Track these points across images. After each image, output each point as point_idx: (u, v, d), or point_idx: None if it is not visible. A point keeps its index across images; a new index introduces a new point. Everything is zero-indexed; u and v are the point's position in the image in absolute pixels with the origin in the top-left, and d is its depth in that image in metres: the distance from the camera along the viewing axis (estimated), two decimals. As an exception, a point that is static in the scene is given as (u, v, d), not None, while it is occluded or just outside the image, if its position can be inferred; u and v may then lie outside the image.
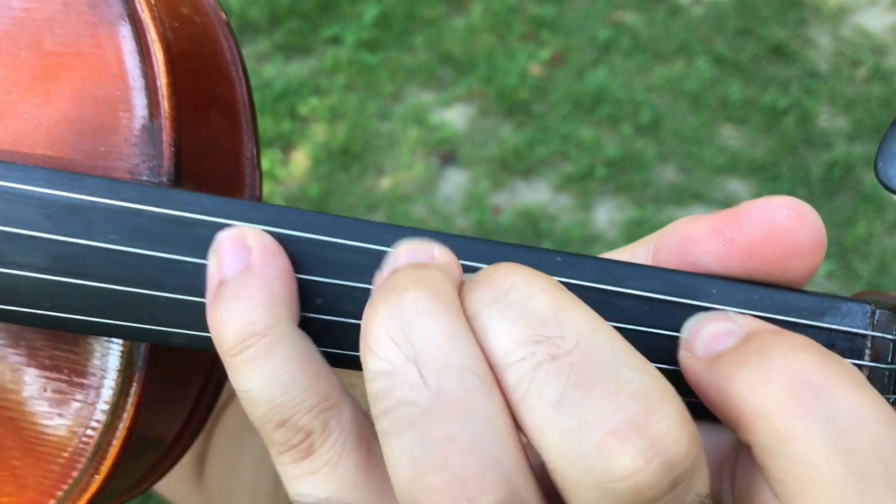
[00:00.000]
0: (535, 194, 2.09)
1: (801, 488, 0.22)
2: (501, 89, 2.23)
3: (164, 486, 0.62)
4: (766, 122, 2.20)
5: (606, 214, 2.06)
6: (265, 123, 2.18)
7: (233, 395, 0.58)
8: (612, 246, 2.00)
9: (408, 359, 0.22)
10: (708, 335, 0.25)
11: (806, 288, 0.28)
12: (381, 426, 0.22)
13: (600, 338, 0.22)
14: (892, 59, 2.32)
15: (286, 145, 2.18)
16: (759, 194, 2.06)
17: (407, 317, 0.22)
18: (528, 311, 0.22)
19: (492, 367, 0.23)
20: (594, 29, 2.37)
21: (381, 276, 0.26)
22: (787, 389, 0.22)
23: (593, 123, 2.19)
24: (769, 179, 2.10)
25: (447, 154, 2.16)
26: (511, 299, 0.23)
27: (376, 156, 2.15)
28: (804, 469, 0.22)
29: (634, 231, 2.02)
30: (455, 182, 2.11)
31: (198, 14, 0.34)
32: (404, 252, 0.26)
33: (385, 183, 2.11)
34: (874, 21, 2.39)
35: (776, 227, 0.26)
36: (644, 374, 0.22)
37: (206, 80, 0.32)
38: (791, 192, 2.07)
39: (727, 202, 2.06)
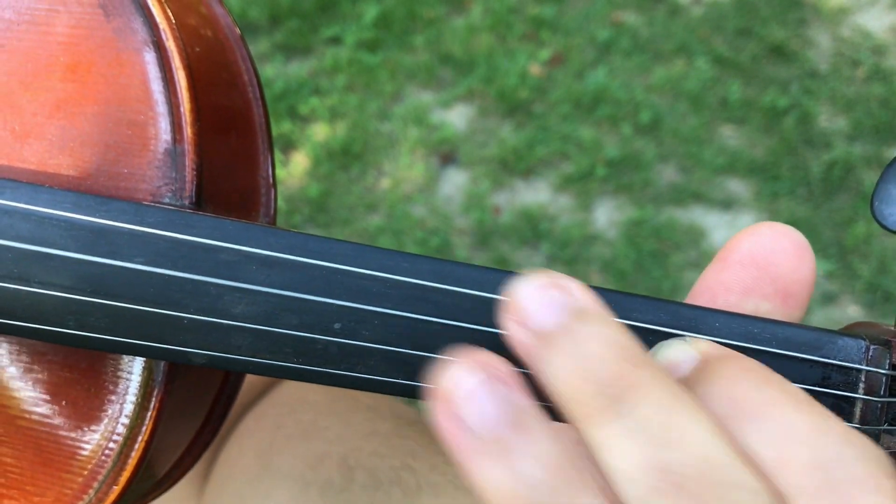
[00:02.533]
0: (535, 194, 2.09)
1: None
2: (501, 89, 2.24)
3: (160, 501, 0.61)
4: (766, 122, 2.21)
5: (606, 214, 2.07)
6: (266, 123, 2.18)
7: (241, 418, 0.57)
8: (612, 246, 2.01)
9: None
10: (666, 363, 0.27)
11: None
12: None
13: (717, 457, 0.23)
14: (891, 60, 2.33)
15: (286, 145, 2.18)
16: (758, 194, 2.07)
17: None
18: (652, 431, 0.23)
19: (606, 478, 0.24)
20: (594, 29, 2.38)
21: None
22: (728, 417, 0.24)
23: (593, 123, 2.20)
24: (769, 179, 2.11)
25: (447, 154, 2.16)
26: (636, 416, 0.23)
27: (376, 156, 2.16)
28: None
29: (634, 231, 2.02)
30: (455, 182, 2.12)
31: (216, 32, 0.35)
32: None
33: (385, 183, 2.12)
34: (874, 21, 2.40)
35: (759, 246, 0.29)
36: (756, 495, 0.23)
37: (226, 103, 0.33)
38: (791, 192, 2.08)
39: (727, 202, 2.07)
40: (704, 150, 2.14)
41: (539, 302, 0.25)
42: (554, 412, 0.25)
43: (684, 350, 0.27)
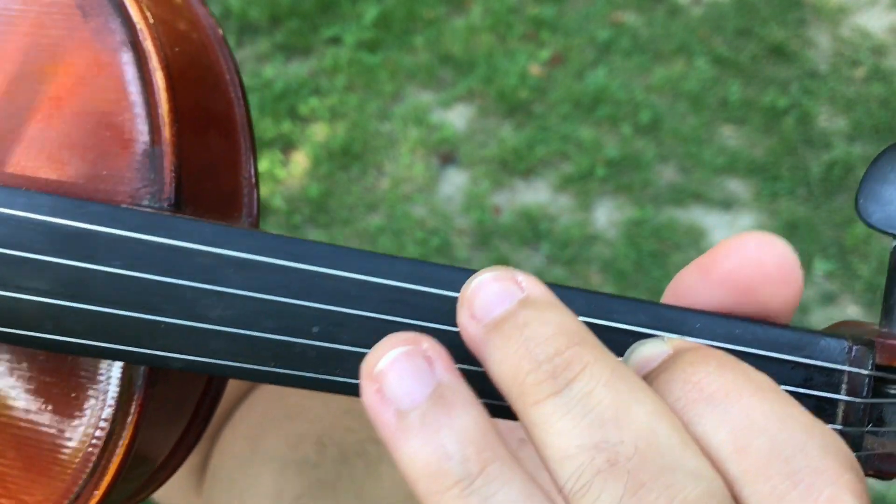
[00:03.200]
0: (535, 194, 2.09)
1: None
2: (501, 89, 2.24)
3: (162, 494, 0.62)
4: (766, 122, 2.21)
5: (606, 214, 2.07)
6: (265, 123, 2.19)
7: (235, 408, 0.58)
8: (612, 246, 2.01)
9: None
10: (639, 359, 0.27)
11: (806, 288, 0.29)
12: None
13: (658, 439, 0.23)
14: (891, 60, 2.32)
15: (286, 145, 2.18)
16: (758, 194, 2.07)
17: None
18: (589, 409, 0.23)
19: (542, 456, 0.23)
20: (594, 29, 2.38)
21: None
22: (685, 400, 0.24)
23: (593, 123, 2.20)
24: (769, 179, 2.10)
25: (447, 154, 2.16)
26: (574, 394, 0.23)
27: (376, 156, 2.16)
28: None
29: (634, 231, 2.02)
30: (455, 182, 2.12)
31: (197, 32, 0.34)
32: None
33: (385, 183, 2.12)
34: (874, 21, 2.40)
35: (744, 260, 0.28)
36: (698, 479, 0.22)
37: (206, 104, 0.33)
38: (791, 192, 2.08)
39: (727, 202, 2.07)
40: (704, 150, 2.14)
41: (487, 293, 0.25)
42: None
43: (658, 346, 0.26)
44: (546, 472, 0.23)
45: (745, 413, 0.23)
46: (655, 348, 0.26)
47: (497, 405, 0.25)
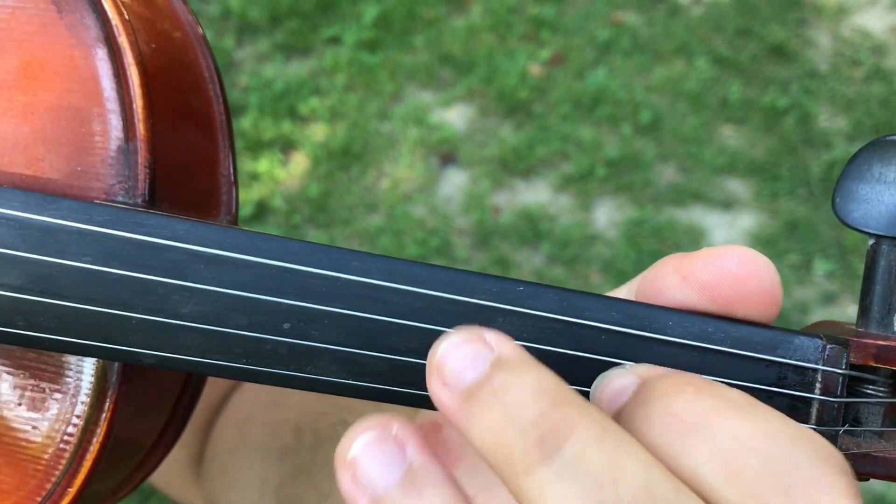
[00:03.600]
0: (535, 194, 2.09)
1: None
2: (501, 89, 2.24)
3: (162, 483, 0.63)
4: (766, 122, 2.20)
5: (606, 214, 2.07)
6: (265, 123, 2.19)
7: (228, 397, 0.58)
8: (612, 246, 2.01)
9: None
10: (609, 394, 0.26)
11: (806, 288, 0.29)
12: None
13: (654, 490, 0.22)
14: (891, 59, 2.32)
15: (286, 145, 2.18)
16: (758, 194, 2.07)
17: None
18: (584, 471, 0.22)
19: None
20: (594, 29, 2.37)
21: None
22: (670, 434, 0.24)
23: (593, 123, 2.19)
24: (769, 179, 2.10)
25: (447, 154, 2.16)
26: (566, 456, 0.22)
27: (376, 156, 2.16)
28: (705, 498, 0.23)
29: (634, 231, 2.02)
30: (455, 182, 2.12)
31: (176, 30, 0.34)
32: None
33: (385, 183, 2.11)
34: (874, 21, 2.39)
35: (726, 274, 0.27)
36: None
37: (182, 100, 0.33)
38: (791, 192, 2.08)
39: (727, 202, 2.06)
40: (704, 150, 2.14)
41: (456, 358, 0.24)
42: None
43: (624, 376, 0.26)
44: None
45: (731, 436, 0.23)
46: (622, 380, 0.26)
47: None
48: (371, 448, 0.24)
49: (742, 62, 2.31)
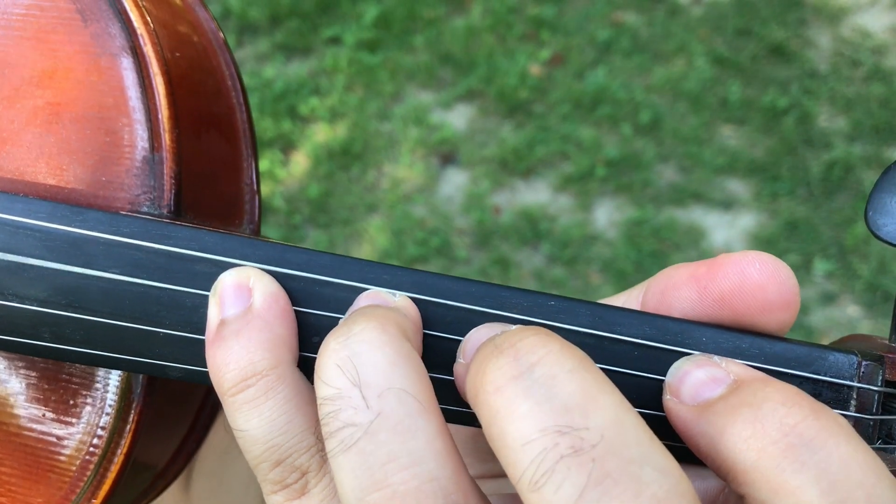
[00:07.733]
0: (535, 194, 2.09)
1: None
2: (501, 89, 2.23)
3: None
4: (766, 122, 2.20)
5: (606, 214, 2.06)
6: (265, 123, 2.18)
7: (218, 411, 0.58)
8: (612, 246, 2.01)
9: (353, 384, 0.23)
10: (695, 381, 0.25)
11: (806, 288, 0.28)
12: (329, 448, 0.23)
13: (626, 431, 0.21)
14: (891, 59, 2.32)
15: (286, 145, 2.18)
16: (758, 194, 2.07)
17: (354, 346, 0.23)
18: (553, 394, 0.21)
19: (497, 441, 0.22)
20: (594, 29, 2.37)
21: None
22: (780, 444, 0.22)
23: (593, 123, 2.19)
24: (769, 179, 2.10)
25: (447, 154, 2.16)
26: (536, 378, 0.22)
27: (376, 156, 2.15)
28: None
29: (634, 231, 2.02)
30: (455, 182, 2.11)
31: (198, 36, 0.34)
32: (364, 297, 0.27)
33: (385, 183, 2.11)
34: (874, 21, 2.39)
35: (747, 282, 0.27)
36: (666, 476, 0.21)
37: (207, 109, 0.32)
38: (791, 192, 2.08)
39: (727, 202, 2.06)
40: (704, 150, 2.14)
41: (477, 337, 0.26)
42: None
43: (710, 367, 0.25)
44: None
45: (843, 464, 0.22)
46: (710, 371, 0.25)
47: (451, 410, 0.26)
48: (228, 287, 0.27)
49: (742, 62, 2.31)
